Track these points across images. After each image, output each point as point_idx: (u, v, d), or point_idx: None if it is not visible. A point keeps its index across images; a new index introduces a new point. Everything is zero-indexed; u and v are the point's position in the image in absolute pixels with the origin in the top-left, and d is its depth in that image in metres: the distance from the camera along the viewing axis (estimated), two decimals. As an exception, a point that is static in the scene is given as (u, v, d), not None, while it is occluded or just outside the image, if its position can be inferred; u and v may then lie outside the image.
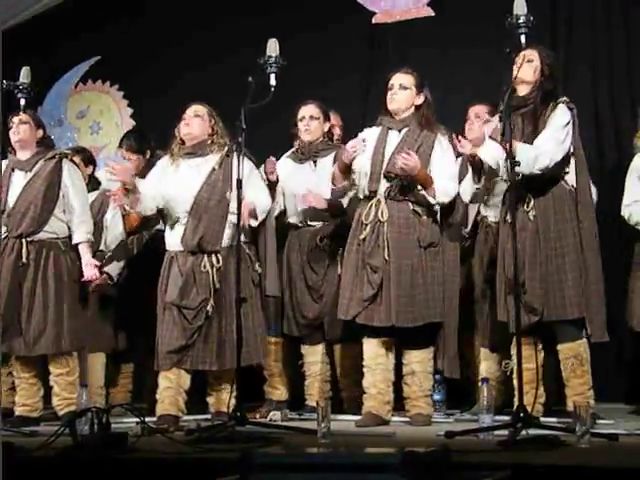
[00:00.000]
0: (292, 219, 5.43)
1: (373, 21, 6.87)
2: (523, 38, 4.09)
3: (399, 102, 4.86)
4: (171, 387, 4.84)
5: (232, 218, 4.77)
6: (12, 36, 7.52)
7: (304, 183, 5.34)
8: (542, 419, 4.41)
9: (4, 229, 5.13)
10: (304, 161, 5.43)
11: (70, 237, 5.17)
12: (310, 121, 5.40)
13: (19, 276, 5.06)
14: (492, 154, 4.47)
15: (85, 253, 5.13)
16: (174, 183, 4.96)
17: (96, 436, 3.68)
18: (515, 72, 4.27)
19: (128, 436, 3.78)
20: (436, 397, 5.18)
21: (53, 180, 5.16)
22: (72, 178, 5.20)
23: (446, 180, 4.82)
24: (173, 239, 4.95)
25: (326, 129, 5.46)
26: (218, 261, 4.86)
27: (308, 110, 5.43)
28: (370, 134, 4.93)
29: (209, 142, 4.98)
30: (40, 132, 5.27)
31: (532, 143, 4.41)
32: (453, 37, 6.51)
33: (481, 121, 5.25)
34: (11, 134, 5.19)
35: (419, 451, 2.95)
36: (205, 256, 4.87)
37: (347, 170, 4.87)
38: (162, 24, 7.29)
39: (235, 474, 2.97)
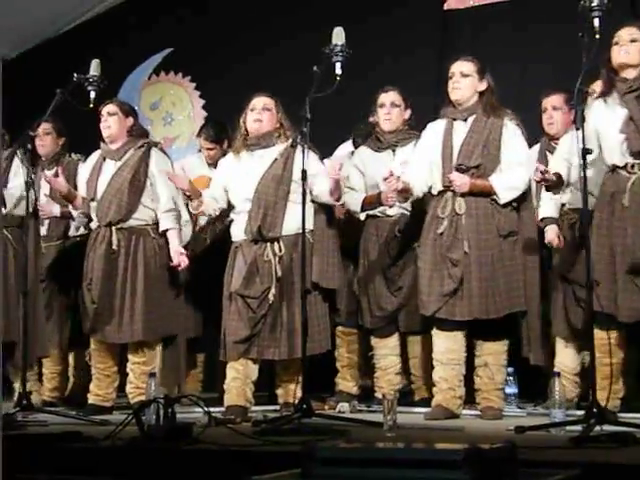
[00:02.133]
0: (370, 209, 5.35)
1: (445, 7, 6.77)
2: (597, 22, 3.97)
3: (461, 91, 4.77)
4: (238, 378, 4.84)
5: (296, 207, 4.71)
6: (85, 29, 7.65)
7: (383, 173, 5.27)
8: (620, 415, 4.29)
9: (95, 218, 5.21)
10: (382, 150, 5.34)
11: (158, 224, 5.21)
12: (391, 108, 5.31)
13: (111, 264, 5.14)
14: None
15: (173, 240, 5.18)
16: (237, 174, 4.98)
17: (162, 426, 3.69)
18: (617, 54, 4.14)
19: (194, 427, 3.78)
20: (508, 390, 5.07)
21: (140, 168, 5.22)
22: (159, 167, 5.24)
23: (514, 169, 4.72)
24: (238, 229, 4.98)
25: (406, 117, 5.34)
26: (280, 249, 4.85)
27: (389, 97, 5.33)
28: (435, 129, 4.86)
29: (276, 135, 5.00)
30: (130, 120, 5.33)
31: None
32: (528, 22, 6.37)
33: (560, 112, 5.16)
34: (101, 127, 5.26)
35: (484, 447, 2.87)
36: (268, 244, 4.86)
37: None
38: (235, 16, 7.30)
39: (298, 467, 2.94)
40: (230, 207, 5.09)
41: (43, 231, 5.71)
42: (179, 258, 5.13)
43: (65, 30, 7.74)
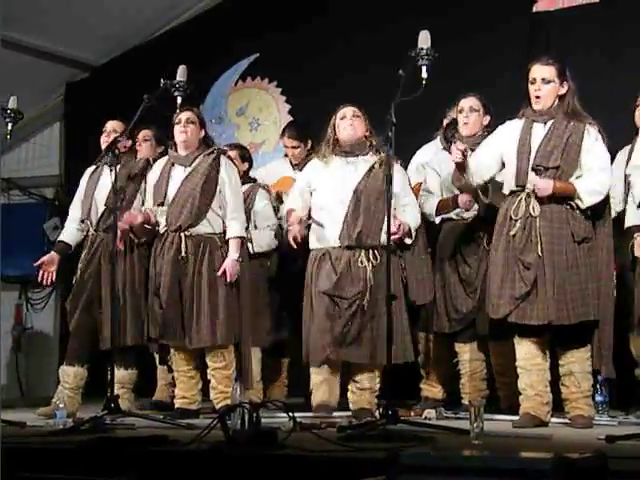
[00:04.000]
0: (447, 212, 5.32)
1: (534, 9, 6.67)
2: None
3: (543, 100, 4.69)
4: (325, 380, 4.88)
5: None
6: (173, 36, 7.76)
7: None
8: None
9: (164, 223, 5.26)
10: None
11: (225, 233, 5.24)
12: (470, 113, 5.29)
13: (179, 270, 5.17)
14: None
15: (233, 249, 5.17)
16: (328, 179, 5.00)
17: (246, 431, 3.70)
18: None
19: (279, 432, 3.78)
20: (598, 398, 4.97)
21: (211, 175, 5.25)
22: (229, 174, 5.29)
23: (596, 174, 4.64)
24: (325, 236, 4.97)
25: (485, 122, 5.31)
26: (375, 257, 4.87)
27: (468, 102, 5.32)
28: (513, 127, 4.79)
29: (367, 143, 5.07)
30: (203, 131, 5.38)
31: None
32: (618, 24, 6.24)
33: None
34: (177, 131, 5.29)
35: (573, 457, 2.80)
36: (363, 251, 4.90)
37: (463, 170, 4.75)
38: (321, 22, 7.31)
39: (383, 474, 2.91)
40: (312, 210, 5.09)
41: None
42: (229, 269, 5.11)
43: (153, 37, 7.91)
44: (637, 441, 3.82)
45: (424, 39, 4.46)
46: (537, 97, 4.70)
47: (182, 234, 5.19)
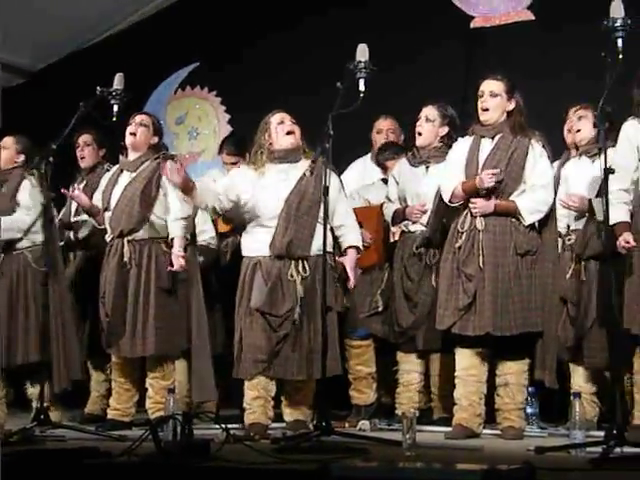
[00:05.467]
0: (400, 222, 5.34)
1: (472, 25, 6.77)
2: (620, 42, 3.95)
3: (490, 112, 4.78)
4: (259, 396, 4.82)
5: (320, 226, 4.68)
6: (114, 43, 7.71)
7: (417, 188, 5.25)
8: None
9: (109, 230, 5.23)
10: (417, 165, 5.31)
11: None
12: (424, 122, 5.28)
13: (124, 277, 5.13)
14: None
15: (177, 245, 5.09)
16: (262, 187, 4.91)
17: (178, 443, 3.68)
18: None
19: (211, 444, 3.76)
20: (529, 410, 5.04)
21: (152, 179, 5.21)
22: None
23: (537, 192, 4.72)
24: (256, 244, 4.91)
25: (442, 133, 5.27)
26: (305, 269, 4.82)
27: (424, 111, 5.30)
28: (463, 144, 4.87)
29: (301, 151, 4.98)
30: (155, 139, 5.33)
31: None
32: (552, 40, 6.36)
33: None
34: (127, 133, 5.26)
35: (502, 468, 2.85)
36: (292, 262, 4.83)
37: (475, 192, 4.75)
38: (261, 31, 7.31)
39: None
40: (248, 220, 5.00)
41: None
42: (176, 261, 5.05)
43: (91, 44, 7.85)
44: (565, 452, 3.88)
45: (362, 52, 4.49)
46: (483, 109, 4.78)
47: (124, 240, 5.15)
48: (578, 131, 5.19)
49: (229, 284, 5.52)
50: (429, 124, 5.26)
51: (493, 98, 4.77)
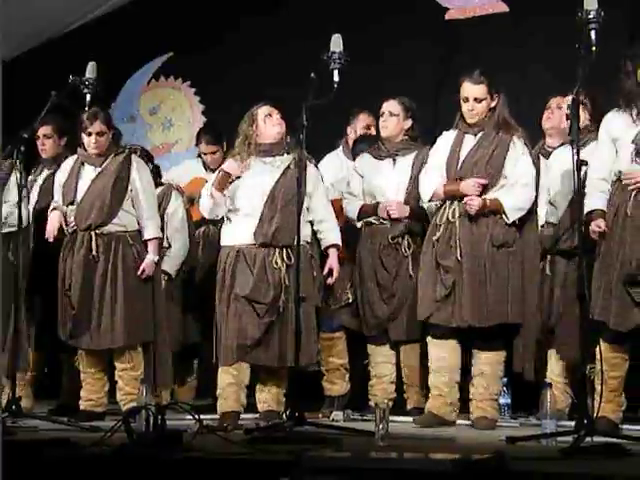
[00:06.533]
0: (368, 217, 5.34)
1: (446, 17, 6.78)
2: (593, 34, 3.97)
3: (477, 117, 4.82)
4: (233, 383, 4.85)
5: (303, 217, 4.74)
6: (86, 32, 7.65)
7: (383, 182, 5.27)
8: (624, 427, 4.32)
9: (73, 223, 5.19)
10: (383, 158, 5.32)
11: (139, 231, 5.21)
12: (389, 117, 5.30)
13: (90, 270, 5.12)
14: None
15: (152, 250, 5.18)
16: (246, 178, 4.94)
17: (151, 434, 3.67)
18: None
19: (184, 434, 3.75)
20: (502, 401, 5.07)
21: (122, 174, 5.21)
22: (140, 173, 5.26)
23: (519, 190, 4.76)
24: (240, 233, 4.93)
25: (406, 127, 5.31)
26: (289, 258, 4.85)
27: (388, 106, 5.32)
28: (447, 138, 4.91)
29: (284, 143, 5.02)
30: (111, 133, 5.29)
31: None
32: (526, 32, 6.38)
33: (562, 112, 5.08)
34: (88, 141, 5.20)
35: (472, 458, 2.86)
36: (277, 251, 4.88)
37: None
38: (236, 21, 7.29)
39: (287, 476, 2.93)
40: (228, 209, 5.00)
41: None
42: (147, 268, 5.12)
43: (64, 33, 7.79)
44: (536, 442, 3.91)
45: (336, 43, 4.49)
46: (471, 115, 4.82)
47: (92, 233, 5.14)
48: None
49: (205, 273, 5.56)
50: (393, 118, 5.29)
51: (479, 104, 4.81)
